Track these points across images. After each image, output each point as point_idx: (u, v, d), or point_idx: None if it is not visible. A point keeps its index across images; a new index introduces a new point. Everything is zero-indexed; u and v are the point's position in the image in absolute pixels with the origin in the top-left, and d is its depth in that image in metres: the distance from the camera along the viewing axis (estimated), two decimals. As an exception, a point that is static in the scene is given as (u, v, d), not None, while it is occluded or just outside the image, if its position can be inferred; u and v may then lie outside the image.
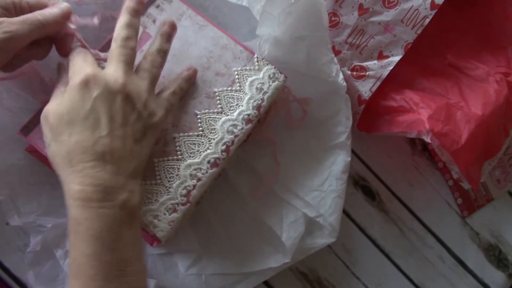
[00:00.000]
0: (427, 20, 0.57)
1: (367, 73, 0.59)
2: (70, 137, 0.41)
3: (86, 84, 0.42)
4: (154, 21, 0.54)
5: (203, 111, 0.53)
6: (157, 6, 0.54)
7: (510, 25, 0.65)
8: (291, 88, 0.59)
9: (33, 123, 0.50)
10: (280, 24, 0.56)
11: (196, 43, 0.54)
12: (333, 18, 0.59)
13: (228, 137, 0.52)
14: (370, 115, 0.65)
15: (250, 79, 0.54)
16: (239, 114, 0.53)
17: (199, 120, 0.52)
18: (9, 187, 0.55)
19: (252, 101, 0.54)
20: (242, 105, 0.53)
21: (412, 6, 0.57)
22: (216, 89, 0.54)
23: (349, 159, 0.61)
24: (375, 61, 0.59)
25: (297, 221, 0.59)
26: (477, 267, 0.71)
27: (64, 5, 0.46)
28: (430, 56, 0.69)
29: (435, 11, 0.57)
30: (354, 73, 0.60)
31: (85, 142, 0.41)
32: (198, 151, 0.51)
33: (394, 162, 0.71)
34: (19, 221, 0.55)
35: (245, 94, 0.54)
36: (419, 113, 0.62)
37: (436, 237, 0.71)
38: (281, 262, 0.59)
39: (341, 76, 0.59)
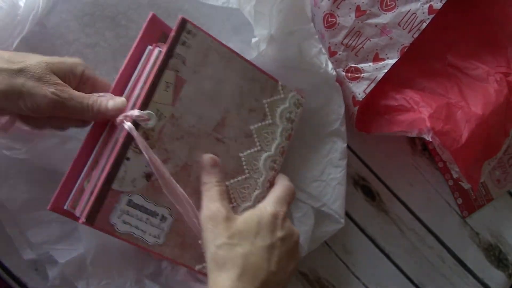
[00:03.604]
0: (424, 24, 0.57)
1: (362, 75, 0.59)
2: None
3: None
4: (183, 62, 0.49)
5: (245, 153, 0.54)
6: (183, 43, 0.49)
7: (510, 25, 0.65)
8: (285, 84, 0.59)
9: (95, 208, 0.45)
10: (273, 22, 0.56)
11: (227, 80, 0.53)
12: (330, 19, 0.59)
13: (270, 174, 0.55)
14: (370, 115, 0.65)
15: (279, 110, 0.56)
16: (276, 148, 0.56)
17: (244, 163, 0.54)
18: (17, 221, 0.55)
19: (284, 132, 0.56)
20: (276, 138, 0.56)
21: (410, 10, 0.57)
22: (251, 127, 0.55)
23: (345, 145, 0.62)
24: (370, 63, 0.59)
25: (305, 215, 0.60)
26: (477, 267, 0.71)
27: (121, 102, 0.47)
28: (430, 56, 0.69)
29: (433, 15, 0.56)
30: (349, 74, 0.60)
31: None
32: (248, 193, 0.54)
33: (394, 162, 0.71)
34: (33, 254, 0.56)
35: (277, 126, 0.56)
36: (419, 111, 0.62)
37: (436, 237, 0.71)
38: None
39: (330, 65, 0.60)
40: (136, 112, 0.46)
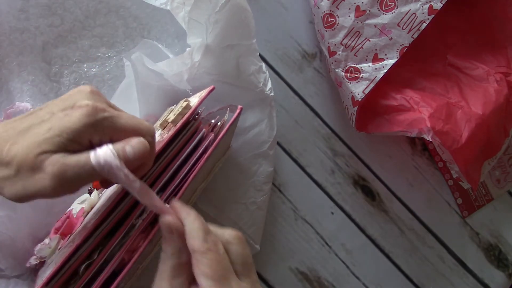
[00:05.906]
0: (424, 25, 0.57)
1: (361, 75, 0.59)
2: None
3: None
4: None
5: None
6: None
7: (510, 25, 0.65)
8: (220, 98, 0.56)
9: None
10: (208, 32, 0.54)
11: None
12: (329, 19, 0.59)
13: None
14: (370, 115, 0.65)
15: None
16: None
17: None
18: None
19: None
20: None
21: (410, 10, 0.57)
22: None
23: (272, 169, 0.61)
24: (370, 64, 0.59)
25: None
26: (477, 267, 0.71)
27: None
28: (430, 56, 0.69)
29: (433, 16, 0.57)
30: (348, 74, 0.60)
31: None
32: None
33: (394, 162, 0.71)
34: None
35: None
36: (420, 111, 0.62)
37: (436, 237, 0.71)
38: None
39: (269, 85, 0.59)
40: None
